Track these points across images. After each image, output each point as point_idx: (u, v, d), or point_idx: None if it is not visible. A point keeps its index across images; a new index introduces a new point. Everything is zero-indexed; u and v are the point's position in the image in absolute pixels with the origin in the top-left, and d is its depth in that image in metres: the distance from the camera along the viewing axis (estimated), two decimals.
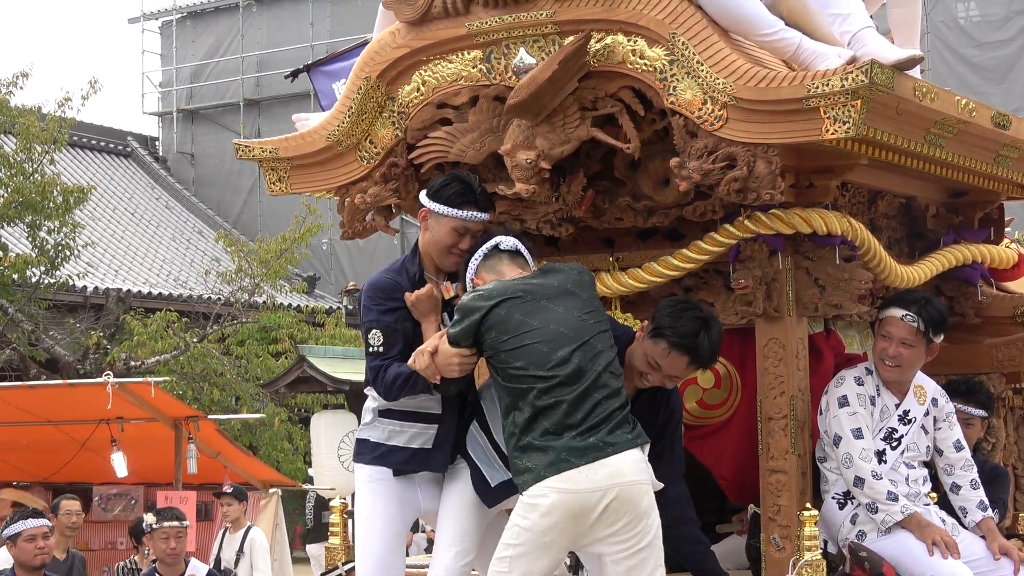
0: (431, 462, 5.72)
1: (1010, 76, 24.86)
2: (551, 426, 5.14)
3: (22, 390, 13.51)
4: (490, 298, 5.29)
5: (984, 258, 6.93)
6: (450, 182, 5.78)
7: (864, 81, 5.19)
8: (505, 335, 5.25)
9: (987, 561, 6.04)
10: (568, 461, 5.09)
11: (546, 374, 5.17)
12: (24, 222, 22.24)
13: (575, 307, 5.33)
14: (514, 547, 5.17)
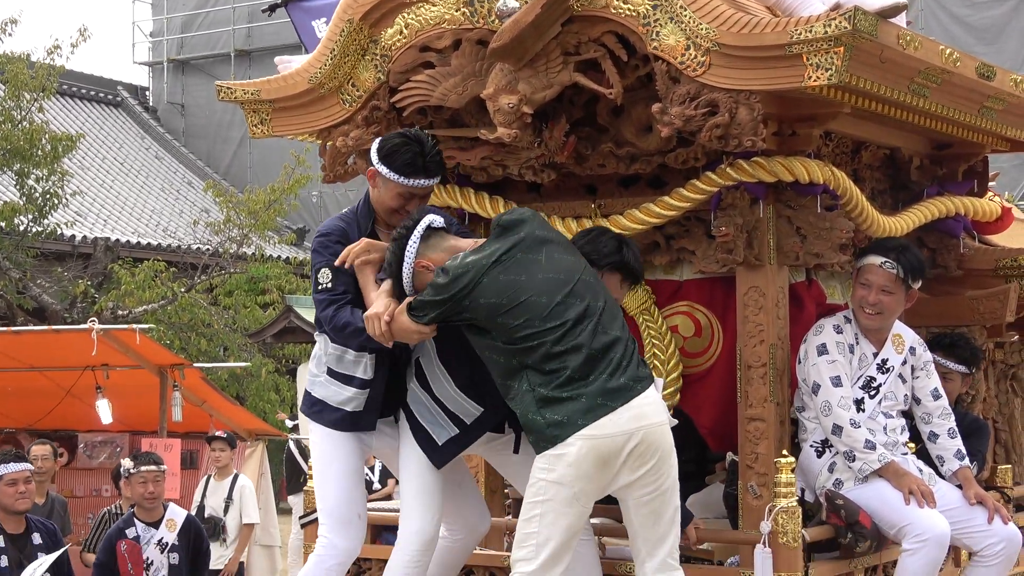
0: (361, 423, 5.77)
1: (1002, 37, 24.81)
2: (576, 372, 5.12)
3: (7, 335, 13.47)
4: (465, 275, 5.24)
5: (967, 210, 6.94)
6: (400, 148, 5.69)
7: (847, 28, 5.18)
8: (500, 300, 5.20)
9: (963, 510, 6.06)
10: (605, 406, 5.09)
11: (554, 323, 5.15)
12: (12, 170, 22.19)
13: (554, 251, 5.32)
14: (542, 503, 5.15)
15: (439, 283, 5.26)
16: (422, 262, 5.39)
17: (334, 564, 5.71)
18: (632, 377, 5.17)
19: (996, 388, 7.43)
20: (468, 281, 5.22)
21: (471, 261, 5.27)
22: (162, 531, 9.44)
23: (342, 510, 5.75)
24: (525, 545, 5.18)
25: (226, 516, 12.22)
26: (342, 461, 5.77)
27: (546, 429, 5.13)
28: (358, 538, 5.79)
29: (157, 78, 36.52)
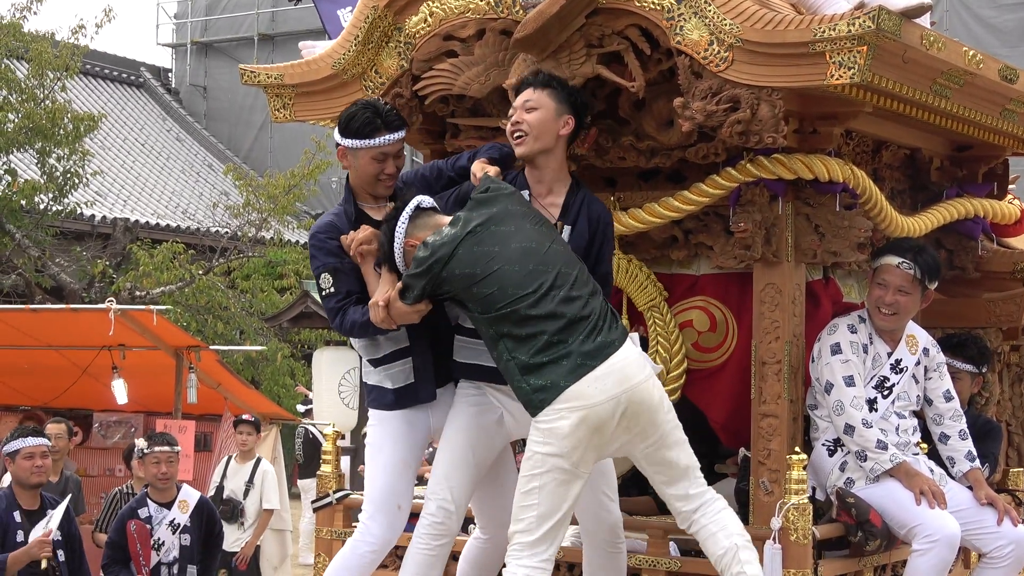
0: (419, 395, 5.74)
1: None
2: (553, 337, 5.14)
3: (25, 313, 13.52)
4: (442, 247, 5.27)
5: (986, 212, 6.94)
6: (355, 113, 5.74)
7: (871, 27, 5.19)
8: (474, 270, 5.23)
9: (973, 512, 6.07)
10: (585, 365, 5.10)
11: (528, 290, 5.17)
12: (34, 148, 22.20)
13: (526, 221, 5.33)
14: (540, 476, 5.16)
15: (419, 257, 5.33)
16: (411, 241, 5.42)
17: (367, 551, 5.70)
18: (608, 336, 5.18)
19: (1011, 391, 7.43)
20: (444, 253, 5.27)
21: (446, 233, 5.32)
22: (174, 512, 9.46)
23: (384, 499, 5.72)
24: (524, 517, 5.20)
25: (246, 500, 12.27)
26: (390, 450, 5.75)
27: (532, 395, 5.16)
28: (395, 528, 5.75)
29: (180, 60, 36.57)
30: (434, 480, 5.66)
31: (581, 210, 5.59)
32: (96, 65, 32.86)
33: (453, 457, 5.64)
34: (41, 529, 8.55)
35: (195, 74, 35.96)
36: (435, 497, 5.61)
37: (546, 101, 5.52)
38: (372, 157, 5.72)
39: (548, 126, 5.52)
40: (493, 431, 5.66)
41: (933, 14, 7.71)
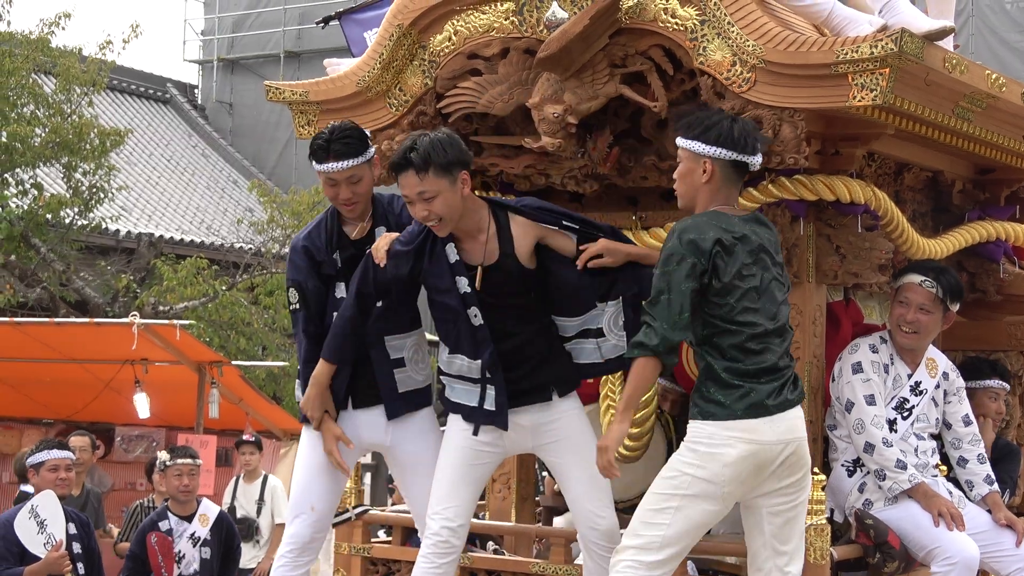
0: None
1: None
2: (754, 369, 5.12)
3: (49, 327, 13.56)
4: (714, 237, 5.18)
5: (1008, 236, 6.93)
6: (315, 138, 5.84)
7: (893, 49, 5.20)
8: (731, 274, 5.15)
9: (992, 534, 6.08)
10: (765, 407, 5.10)
11: (764, 322, 5.15)
12: (60, 163, 22.27)
13: (770, 261, 5.30)
14: (682, 497, 5.13)
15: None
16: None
17: (284, 551, 5.94)
18: (790, 393, 5.19)
19: None
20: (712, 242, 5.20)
21: (719, 225, 5.24)
22: (195, 525, 9.49)
23: (299, 499, 5.92)
24: (647, 535, 5.15)
25: (259, 517, 12.29)
26: (310, 452, 5.92)
27: (706, 403, 5.14)
28: (310, 527, 5.93)
29: (207, 76, 36.67)
30: (435, 499, 5.69)
31: (505, 233, 5.61)
32: (123, 81, 32.98)
33: (453, 476, 5.69)
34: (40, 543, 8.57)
35: (221, 91, 36.07)
36: (437, 516, 5.65)
37: (438, 183, 5.42)
38: (324, 181, 5.83)
39: (454, 200, 5.48)
40: (490, 448, 5.71)
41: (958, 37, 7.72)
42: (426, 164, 5.40)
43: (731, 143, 5.21)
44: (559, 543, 6.29)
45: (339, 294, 5.85)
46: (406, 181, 5.45)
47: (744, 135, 5.22)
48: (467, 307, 5.57)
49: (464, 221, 5.55)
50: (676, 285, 5.07)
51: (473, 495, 5.73)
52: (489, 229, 5.58)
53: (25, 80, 22.25)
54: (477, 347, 5.59)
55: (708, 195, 5.28)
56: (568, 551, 6.29)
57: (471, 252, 5.58)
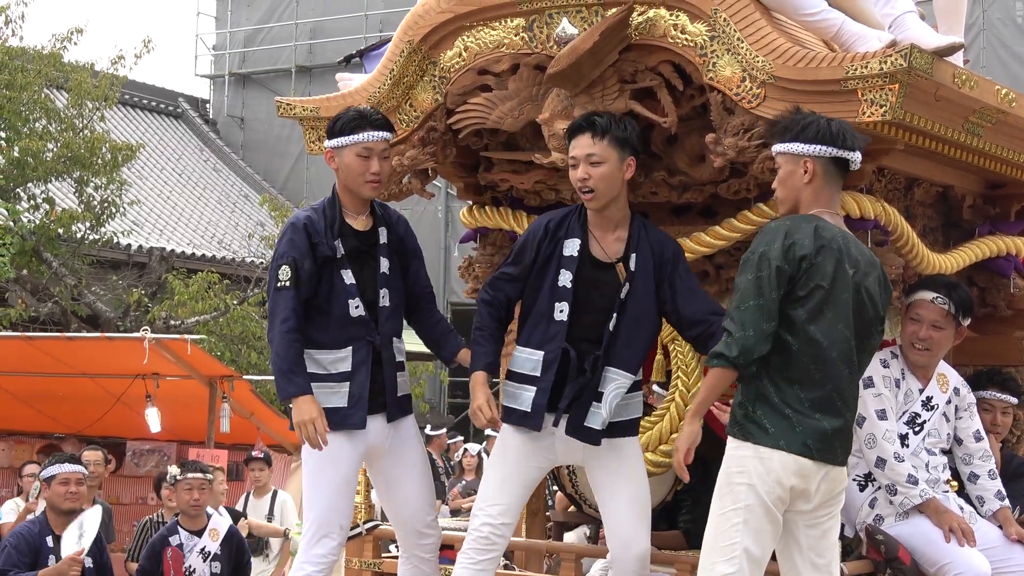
0: (348, 420, 5.83)
1: None
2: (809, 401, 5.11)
3: (60, 341, 13.60)
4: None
5: (1019, 251, 6.91)
6: (341, 116, 5.90)
7: (903, 65, 5.21)
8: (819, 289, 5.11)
9: (1003, 550, 6.05)
10: (808, 448, 5.07)
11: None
12: (72, 177, 22.35)
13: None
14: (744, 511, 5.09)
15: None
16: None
17: (314, 572, 5.87)
18: (843, 448, 5.19)
19: None
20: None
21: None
22: (205, 540, 9.51)
23: (327, 519, 5.86)
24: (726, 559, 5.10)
25: None
26: (332, 471, 5.85)
27: (747, 422, 5.12)
28: (337, 549, 5.92)
29: (218, 91, 36.72)
30: (481, 497, 5.73)
31: (641, 240, 5.65)
32: (135, 95, 33.04)
33: (502, 475, 5.71)
34: (74, 546, 8.63)
35: (233, 105, 36.11)
36: (482, 514, 5.68)
37: (609, 153, 5.54)
38: (357, 153, 5.84)
39: (615, 177, 5.57)
40: (541, 454, 5.71)
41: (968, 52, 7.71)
42: (605, 132, 5.54)
43: (830, 139, 5.17)
44: (569, 558, 6.29)
45: (347, 280, 5.86)
46: (581, 142, 5.57)
47: (842, 131, 5.19)
48: (556, 300, 5.63)
49: (611, 209, 5.62)
50: (768, 291, 5.05)
51: (519, 496, 5.71)
52: (626, 231, 5.66)
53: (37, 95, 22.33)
54: (547, 341, 5.62)
55: (811, 195, 5.25)
56: (579, 566, 6.30)
57: (604, 245, 5.65)
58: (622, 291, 5.60)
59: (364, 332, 5.86)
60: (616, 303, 5.60)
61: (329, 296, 5.84)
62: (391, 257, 5.99)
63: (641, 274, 5.61)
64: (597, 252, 5.65)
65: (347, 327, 5.84)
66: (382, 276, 5.94)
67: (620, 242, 5.66)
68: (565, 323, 5.60)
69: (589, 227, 5.68)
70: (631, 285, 5.60)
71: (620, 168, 5.57)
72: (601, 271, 5.64)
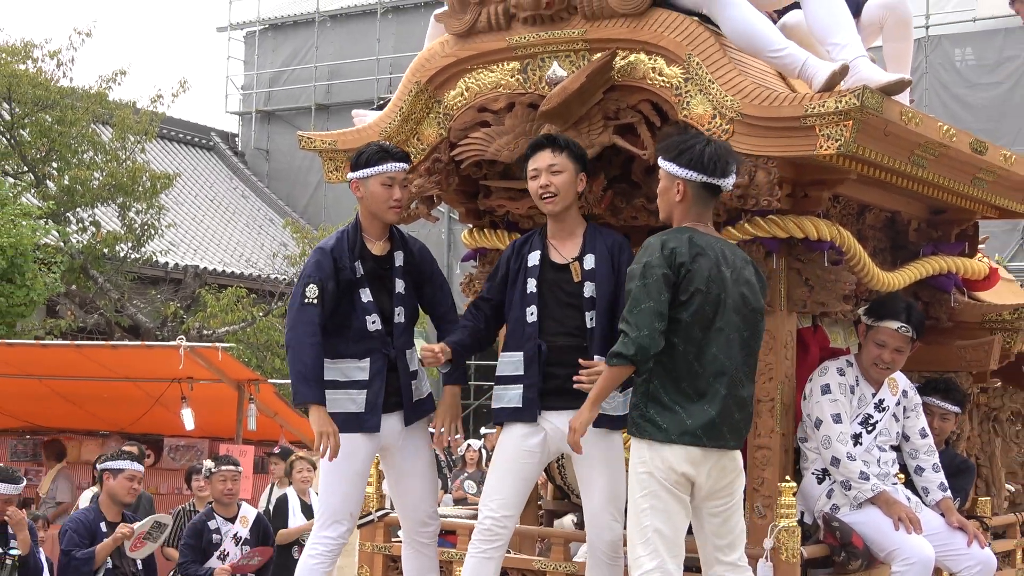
0: (364, 424, 5.84)
1: (998, 115, 24.72)
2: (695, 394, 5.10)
3: (105, 349, 13.60)
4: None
5: (958, 269, 6.92)
6: (364, 149, 5.94)
7: (856, 104, 5.20)
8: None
9: (945, 536, 6.06)
10: (699, 438, 5.06)
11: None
12: (116, 203, 22.37)
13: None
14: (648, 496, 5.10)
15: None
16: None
17: (323, 551, 5.90)
18: (732, 432, 5.15)
19: (979, 428, 7.40)
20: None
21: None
22: (237, 526, 9.55)
23: (339, 509, 5.90)
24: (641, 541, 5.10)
25: None
26: (345, 465, 5.85)
27: (642, 422, 5.10)
28: (346, 535, 5.95)
29: (246, 126, 36.74)
30: (485, 493, 5.72)
31: (597, 241, 5.66)
32: (172, 130, 33.06)
33: (500, 472, 5.69)
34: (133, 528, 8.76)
35: (259, 139, 36.13)
36: (485, 508, 5.67)
37: (567, 164, 5.59)
38: (381, 183, 5.87)
39: (570, 185, 5.60)
40: (535, 449, 5.66)
41: (913, 92, 7.70)
42: (564, 147, 5.62)
43: (702, 167, 5.15)
44: (559, 543, 6.27)
45: (365, 299, 5.87)
46: (542, 155, 5.63)
47: (715, 159, 5.15)
48: (526, 305, 5.63)
49: (566, 217, 5.66)
50: (656, 295, 5.02)
51: (519, 490, 5.68)
52: (580, 236, 5.69)
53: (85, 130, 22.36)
54: (524, 342, 5.63)
55: (682, 212, 5.25)
56: (567, 550, 6.28)
57: (561, 250, 5.67)
58: (585, 289, 5.59)
59: (380, 345, 5.87)
60: (583, 301, 5.59)
61: (350, 312, 5.86)
62: (405, 278, 6.00)
63: (601, 270, 5.60)
64: (555, 256, 5.67)
65: (365, 340, 5.86)
66: (398, 295, 5.96)
67: (575, 246, 5.68)
68: (536, 323, 5.61)
69: (548, 238, 5.72)
70: (595, 283, 5.59)
71: (575, 179, 5.62)
72: (559, 272, 5.65)
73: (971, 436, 7.26)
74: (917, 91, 22.09)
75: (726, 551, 5.22)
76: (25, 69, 22.33)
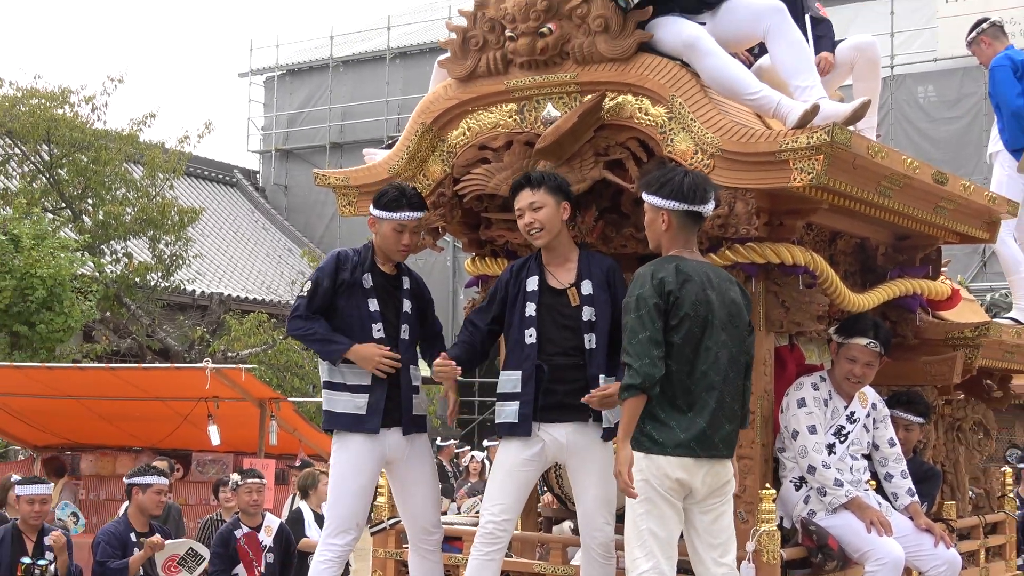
0: (365, 425, 5.84)
1: (958, 147, 24.75)
2: (689, 410, 5.08)
3: (137, 371, 13.58)
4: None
5: (923, 291, 6.91)
6: (387, 191, 5.95)
7: (826, 140, 5.20)
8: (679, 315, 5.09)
9: (914, 537, 6.03)
10: (692, 450, 5.04)
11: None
12: (147, 236, 22.40)
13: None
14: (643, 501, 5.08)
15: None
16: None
17: (331, 558, 5.89)
18: (724, 443, 5.13)
19: (944, 437, 7.38)
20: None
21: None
22: (262, 535, 9.52)
23: (348, 518, 5.90)
24: (638, 544, 5.08)
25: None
26: (353, 478, 5.87)
27: (641, 436, 5.07)
28: (352, 543, 5.95)
29: (266, 164, 36.77)
30: (486, 499, 5.70)
31: (593, 267, 5.65)
32: (198, 168, 33.10)
33: (500, 480, 5.67)
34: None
35: (278, 175, 36.16)
36: (486, 513, 5.65)
37: (546, 199, 5.58)
38: (393, 228, 5.90)
39: (554, 217, 5.59)
40: (532, 459, 5.65)
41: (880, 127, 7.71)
42: (540, 183, 5.60)
43: (682, 196, 5.14)
44: (557, 547, 6.25)
45: (372, 308, 5.90)
46: (523, 195, 5.64)
47: (694, 188, 5.15)
48: (525, 328, 5.61)
49: (557, 245, 5.65)
50: (650, 324, 5.01)
51: (516, 497, 5.66)
52: (575, 262, 5.67)
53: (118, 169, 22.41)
54: (523, 362, 5.61)
55: (669, 240, 5.24)
56: (564, 554, 6.26)
57: (558, 275, 5.65)
58: (583, 312, 5.58)
59: None
60: (581, 324, 5.57)
61: (357, 321, 5.86)
62: (412, 301, 6.03)
63: (600, 297, 5.59)
64: (552, 282, 5.65)
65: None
66: (405, 314, 5.98)
67: (571, 272, 5.66)
68: (535, 345, 5.59)
69: (544, 264, 5.70)
70: (594, 307, 5.58)
71: (558, 210, 5.60)
72: (557, 297, 5.64)
73: (937, 445, 7.24)
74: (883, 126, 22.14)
75: (721, 552, 5.18)
76: (63, 113, 22.39)
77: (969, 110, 25.37)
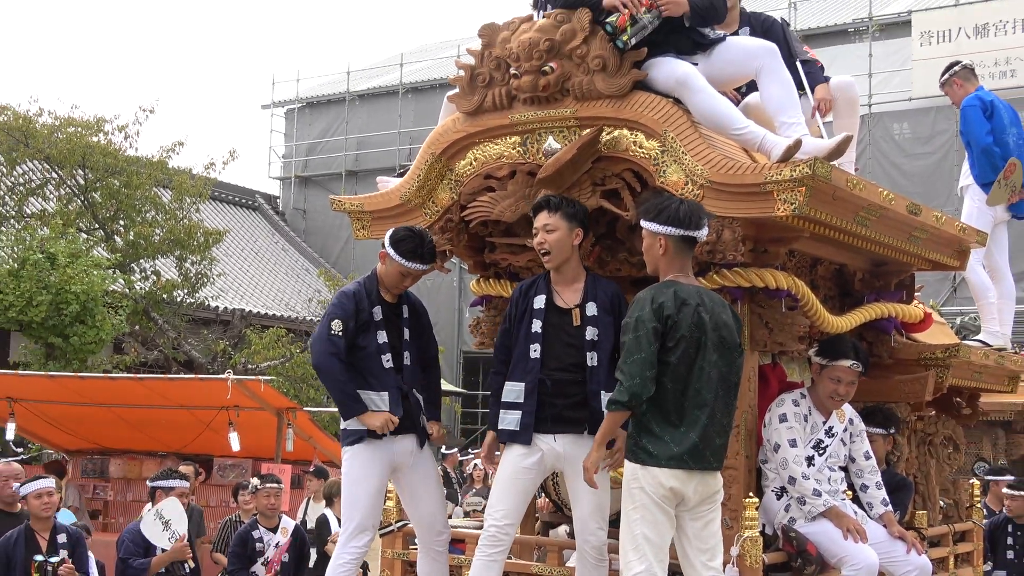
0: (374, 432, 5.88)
1: (930, 180, 24.78)
2: (685, 426, 5.10)
3: (163, 381, 13.57)
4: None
5: (897, 314, 6.90)
6: (407, 238, 5.96)
7: (808, 172, 5.21)
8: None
9: (887, 544, 6.01)
10: (685, 463, 5.07)
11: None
12: (174, 255, 22.42)
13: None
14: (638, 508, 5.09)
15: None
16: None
17: (350, 559, 5.93)
18: (714, 456, 5.14)
19: (916, 451, 7.36)
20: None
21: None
22: (278, 536, 9.50)
23: (365, 520, 5.93)
24: (632, 547, 5.08)
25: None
26: (367, 482, 5.91)
27: (636, 449, 5.09)
28: (368, 544, 5.97)
29: (286, 189, 36.85)
30: (489, 504, 5.71)
31: (598, 290, 5.67)
32: (222, 192, 33.16)
33: (502, 485, 5.67)
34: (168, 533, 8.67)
35: (297, 200, 36.23)
36: (489, 517, 5.66)
37: (560, 223, 5.60)
38: (400, 271, 5.95)
39: (565, 241, 5.61)
40: (532, 467, 5.65)
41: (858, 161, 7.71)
42: (557, 207, 5.63)
43: (678, 222, 5.18)
44: (554, 550, 6.24)
45: (382, 340, 5.93)
46: (540, 216, 5.66)
47: (689, 215, 5.18)
48: (530, 343, 5.62)
49: (566, 268, 5.66)
50: (646, 346, 5.02)
51: (518, 502, 5.66)
52: (581, 284, 5.69)
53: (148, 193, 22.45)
54: (527, 375, 5.62)
55: (666, 265, 5.26)
56: (561, 556, 6.24)
57: (564, 296, 5.66)
58: (587, 332, 5.58)
59: (394, 381, 5.93)
60: (584, 342, 5.58)
61: (371, 351, 5.91)
62: (411, 327, 6.09)
63: (604, 319, 5.60)
64: (559, 302, 5.67)
65: (382, 376, 5.91)
66: (405, 341, 6.04)
67: (577, 293, 5.67)
68: (538, 359, 5.60)
69: (552, 284, 5.72)
70: (597, 328, 5.58)
71: (570, 235, 5.62)
72: (562, 316, 5.65)
73: (909, 458, 7.22)
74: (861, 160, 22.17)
75: (709, 556, 5.18)
76: (97, 141, 22.44)
77: (941, 146, 25.43)
